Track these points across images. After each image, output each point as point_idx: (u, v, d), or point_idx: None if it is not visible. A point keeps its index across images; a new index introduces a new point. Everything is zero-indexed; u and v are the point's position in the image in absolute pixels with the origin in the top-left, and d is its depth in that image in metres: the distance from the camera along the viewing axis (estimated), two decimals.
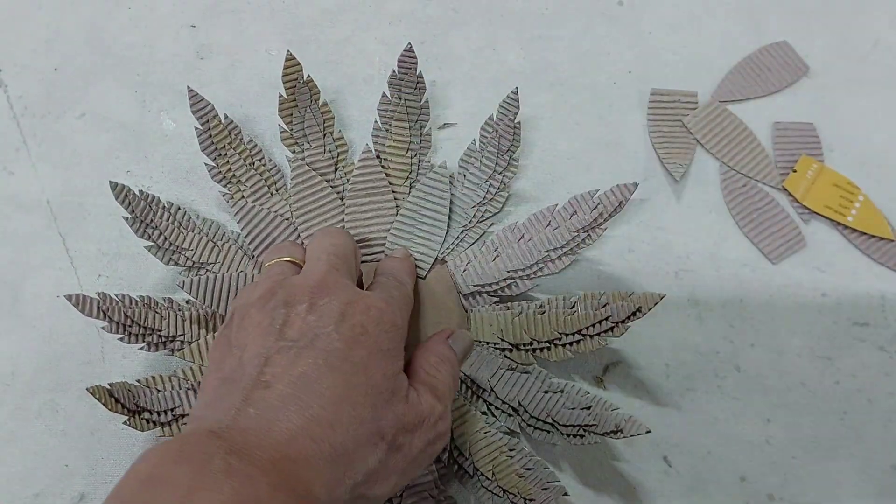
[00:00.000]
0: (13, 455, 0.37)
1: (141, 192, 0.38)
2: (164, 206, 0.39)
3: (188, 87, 0.39)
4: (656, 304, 0.34)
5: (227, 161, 0.39)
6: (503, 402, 0.36)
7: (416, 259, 0.38)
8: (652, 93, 0.44)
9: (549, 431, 0.35)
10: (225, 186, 0.39)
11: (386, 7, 0.47)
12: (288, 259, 0.33)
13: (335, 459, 0.25)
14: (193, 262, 0.38)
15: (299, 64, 0.39)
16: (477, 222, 0.39)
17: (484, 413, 0.36)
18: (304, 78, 0.40)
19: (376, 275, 0.35)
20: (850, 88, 0.44)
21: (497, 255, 0.38)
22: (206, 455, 0.23)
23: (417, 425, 0.28)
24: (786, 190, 0.42)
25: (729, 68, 0.45)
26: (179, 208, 0.39)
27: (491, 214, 0.39)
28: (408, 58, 0.40)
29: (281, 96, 0.39)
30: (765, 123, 0.43)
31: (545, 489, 0.34)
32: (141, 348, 0.36)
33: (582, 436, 0.34)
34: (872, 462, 0.37)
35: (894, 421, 0.37)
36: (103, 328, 0.35)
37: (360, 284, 0.35)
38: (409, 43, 0.40)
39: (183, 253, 0.38)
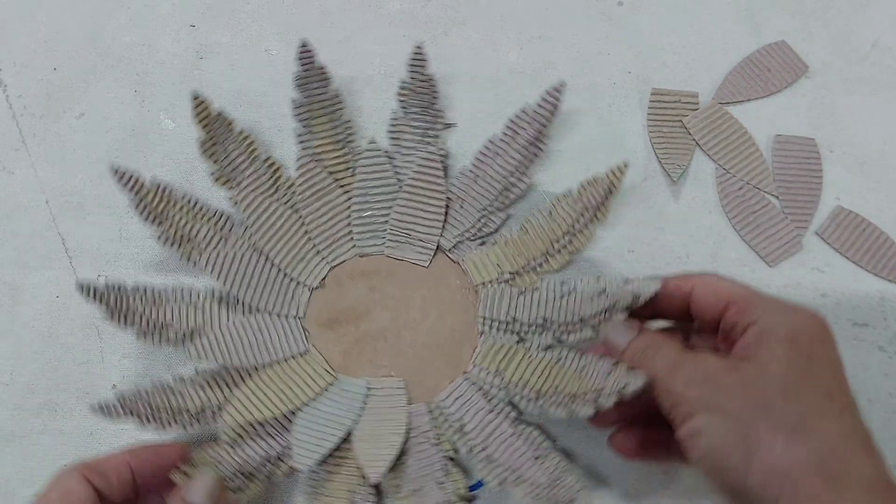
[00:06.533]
0: (13, 455, 0.37)
1: (108, 285, 0.35)
2: (136, 288, 0.36)
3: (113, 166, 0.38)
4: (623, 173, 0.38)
5: (171, 223, 0.38)
6: (530, 325, 0.37)
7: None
8: (653, 92, 0.44)
9: (581, 331, 0.35)
10: (174, 248, 0.38)
11: (386, 7, 0.47)
12: None
13: None
14: (181, 333, 0.36)
15: (205, 101, 0.38)
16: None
17: (518, 342, 0.37)
18: (214, 113, 0.39)
19: None
20: (849, 88, 0.44)
21: (462, 203, 0.40)
22: None
23: None
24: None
25: (728, 68, 0.45)
26: (153, 287, 0.37)
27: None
28: (304, 55, 0.39)
29: (199, 138, 0.38)
30: (765, 124, 0.43)
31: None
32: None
33: (608, 319, 0.34)
34: None
35: (894, 421, 0.37)
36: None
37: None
38: (302, 40, 0.39)
39: (169, 327, 0.36)
